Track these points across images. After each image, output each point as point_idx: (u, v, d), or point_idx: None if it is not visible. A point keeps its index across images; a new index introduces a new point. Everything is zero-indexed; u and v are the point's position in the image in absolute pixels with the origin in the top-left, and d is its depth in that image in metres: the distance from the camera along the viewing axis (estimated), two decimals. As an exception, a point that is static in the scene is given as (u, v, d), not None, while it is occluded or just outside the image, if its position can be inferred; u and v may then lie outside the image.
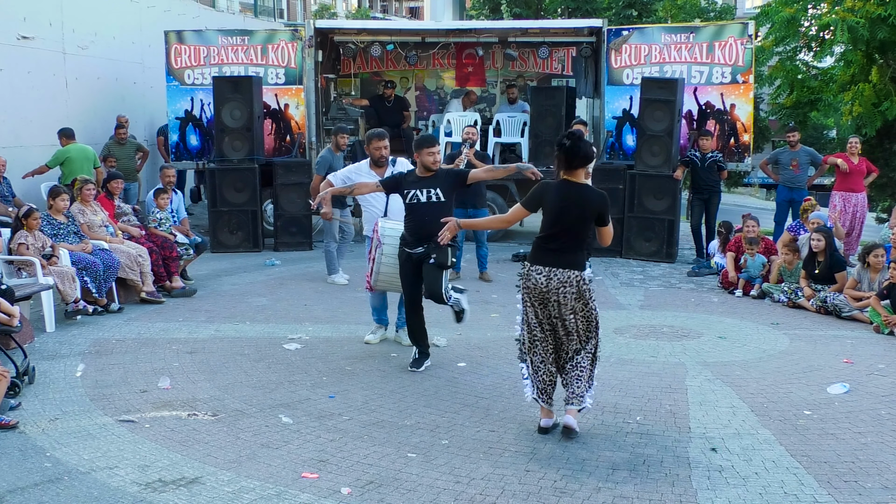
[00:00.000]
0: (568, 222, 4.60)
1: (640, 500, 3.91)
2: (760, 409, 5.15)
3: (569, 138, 4.60)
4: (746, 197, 28.13)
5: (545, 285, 4.58)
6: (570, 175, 4.62)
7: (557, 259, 4.59)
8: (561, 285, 4.56)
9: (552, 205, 4.64)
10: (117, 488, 3.99)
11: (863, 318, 7.46)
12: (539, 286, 4.59)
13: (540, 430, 4.71)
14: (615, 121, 11.48)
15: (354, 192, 6.19)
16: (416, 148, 5.86)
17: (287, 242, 11.22)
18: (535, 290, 4.62)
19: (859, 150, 10.52)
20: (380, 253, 5.92)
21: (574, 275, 4.58)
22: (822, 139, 23.39)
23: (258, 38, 11.86)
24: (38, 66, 11.31)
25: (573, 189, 4.62)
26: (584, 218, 4.61)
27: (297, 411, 5.06)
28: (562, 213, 4.60)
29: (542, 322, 4.67)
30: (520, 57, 13.21)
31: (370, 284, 6.15)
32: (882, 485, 4.09)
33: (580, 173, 4.62)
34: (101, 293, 7.46)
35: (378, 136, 6.54)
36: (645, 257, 10.62)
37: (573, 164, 4.60)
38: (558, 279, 4.56)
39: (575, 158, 4.58)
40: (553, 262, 4.59)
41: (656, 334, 7.06)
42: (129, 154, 11.87)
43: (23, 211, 7.27)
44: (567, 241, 4.62)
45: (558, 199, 4.62)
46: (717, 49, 11.02)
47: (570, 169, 4.61)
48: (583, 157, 4.59)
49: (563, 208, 4.59)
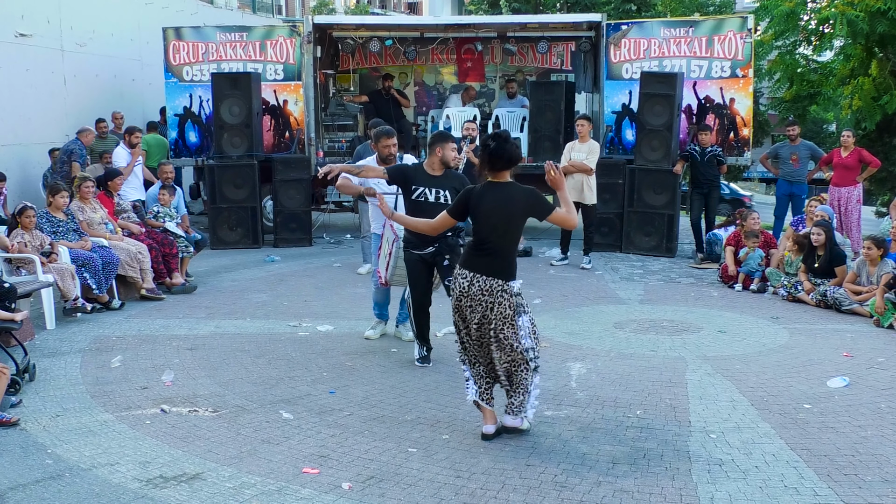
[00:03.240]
0: (496, 224, 4.43)
1: (641, 494, 3.91)
2: (760, 403, 5.16)
3: (494, 139, 4.45)
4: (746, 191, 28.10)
5: (466, 290, 4.43)
6: (496, 176, 4.48)
7: (483, 265, 4.42)
8: (481, 293, 4.40)
9: (478, 209, 4.47)
10: (118, 485, 3.99)
11: (863, 311, 7.46)
12: (461, 291, 4.45)
13: (483, 437, 4.51)
14: (614, 115, 11.48)
15: (361, 174, 6.10)
16: (439, 142, 5.72)
17: (287, 239, 11.22)
18: (456, 294, 4.50)
19: (851, 144, 10.51)
20: (397, 247, 5.89)
21: (497, 284, 4.39)
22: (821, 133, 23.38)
23: (256, 35, 11.85)
24: (36, 63, 11.30)
25: (498, 190, 4.46)
26: (512, 217, 4.44)
27: (298, 407, 5.07)
28: (489, 215, 4.43)
29: (468, 326, 4.51)
30: (519, 52, 13.21)
31: (384, 279, 6.13)
32: (882, 478, 4.09)
33: (505, 174, 4.48)
34: (102, 290, 7.46)
35: (387, 134, 6.51)
36: (645, 252, 10.62)
37: (496, 166, 4.45)
38: (479, 286, 4.40)
39: (499, 161, 4.44)
40: (478, 268, 4.43)
41: (656, 329, 7.06)
42: (109, 149, 11.82)
43: (17, 209, 7.25)
44: (496, 245, 4.44)
45: (483, 202, 4.46)
46: (717, 43, 11.02)
47: (494, 170, 4.47)
48: (507, 160, 4.44)
49: (490, 210, 4.43)
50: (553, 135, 11.55)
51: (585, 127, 9.76)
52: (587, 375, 5.72)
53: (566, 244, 10.00)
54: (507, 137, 4.49)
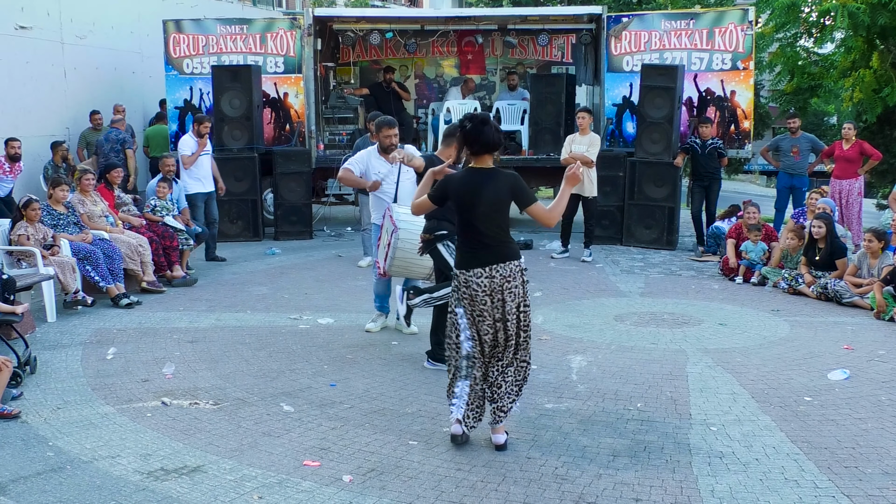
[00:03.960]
0: (483, 213, 4.21)
1: (642, 487, 3.92)
2: (761, 396, 5.16)
3: (470, 120, 4.23)
4: (746, 184, 28.07)
5: (488, 287, 4.20)
6: (477, 161, 4.28)
7: (492, 257, 4.21)
8: (504, 280, 4.20)
9: (458, 197, 4.27)
10: (119, 477, 4.00)
11: (863, 304, 7.46)
12: (484, 290, 4.20)
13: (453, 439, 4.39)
14: (615, 108, 11.46)
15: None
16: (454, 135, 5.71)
17: (287, 231, 11.21)
18: (479, 297, 4.22)
19: (852, 136, 10.49)
20: (396, 237, 5.88)
21: (515, 266, 4.23)
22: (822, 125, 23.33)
23: (257, 27, 11.81)
24: (36, 56, 11.27)
25: (479, 175, 4.24)
26: (497, 202, 4.20)
27: (299, 400, 5.07)
28: (473, 203, 4.21)
29: (486, 328, 4.27)
30: (519, 44, 13.16)
31: (383, 270, 6.13)
32: (882, 470, 4.10)
33: (486, 159, 4.26)
34: (109, 282, 7.45)
35: (388, 125, 6.57)
36: (645, 244, 10.61)
37: (474, 150, 4.23)
38: (501, 275, 4.20)
39: (474, 144, 4.22)
40: (488, 261, 4.20)
41: (657, 321, 7.06)
42: None
43: (22, 201, 7.26)
44: (492, 234, 4.23)
45: (463, 188, 4.25)
46: (718, 35, 10.99)
47: (472, 154, 4.26)
48: (482, 144, 4.21)
49: (473, 197, 4.20)
50: (554, 127, 11.53)
51: (586, 119, 9.73)
52: (588, 368, 5.72)
53: (566, 237, 9.99)
54: (486, 120, 4.26)
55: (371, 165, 6.65)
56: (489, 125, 4.23)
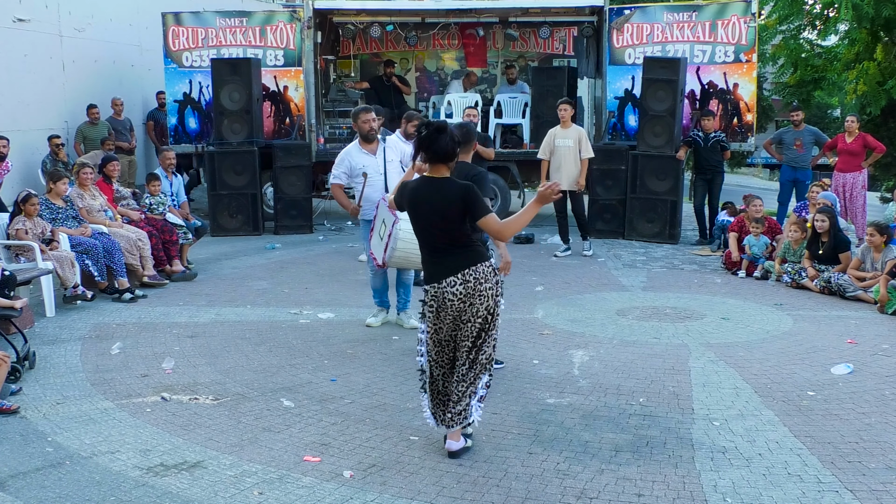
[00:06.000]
0: (434, 223, 4.05)
1: (644, 482, 3.89)
2: (764, 390, 5.13)
3: (427, 127, 4.05)
4: (749, 177, 28.04)
5: (462, 293, 4.03)
6: (432, 170, 4.09)
7: (459, 262, 4.04)
8: (477, 282, 4.04)
9: (410, 206, 4.14)
10: (119, 473, 3.98)
11: (867, 298, 7.43)
12: (458, 297, 4.04)
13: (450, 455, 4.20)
14: (617, 101, 11.40)
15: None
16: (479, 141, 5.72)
17: (287, 226, 11.18)
18: (455, 305, 4.06)
19: (855, 129, 10.43)
20: (397, 228, 5.83)
21: (485, 267, 4.06)
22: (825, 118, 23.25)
23: (256, 20, 11.76)
24: (34, 49, 11.23)
25: (431, 185, 4.07)
26: (445, 217, 4.00)
27: (299, 395, 5.05)
28: (425, 214, 4.07)
29: (449, 333, 4.15)
30: (521, 37, 13.11)
31: (381, 261, 6.07)
32: (886, 465, 4.07)
33: (441, 168, 4.07)
34: (103, 276, 7.43)
35: (364, 110, 6.56)
36: (647, 238, 10.57)
37: (426, 158, 4.06)
38: (474, 278, 4.03)
39: (426, 151, 4.04)
40: (457, 268, 4.03)
41: (659, 316, 7.03)
42: (101, 135, 11.78)
43: (21, 196, 7.23)
44: (450, 244, 4.05)
45: (414, 198, 4.11)
46: (720, 28, 10.93)
47: (426, 163, 4.09)
48: (434, 152, 4.02)
49: (422, 208, 4.07)
50: (555, 121, 11.44)
51: (568, 111, 9.35)
52: (590, 363, 5.69)
53: (565, 233, 9.86)
54: (443, 128, 4.04)
55: (354, 162, 6.54)
56: (445, 134, 4.04)
